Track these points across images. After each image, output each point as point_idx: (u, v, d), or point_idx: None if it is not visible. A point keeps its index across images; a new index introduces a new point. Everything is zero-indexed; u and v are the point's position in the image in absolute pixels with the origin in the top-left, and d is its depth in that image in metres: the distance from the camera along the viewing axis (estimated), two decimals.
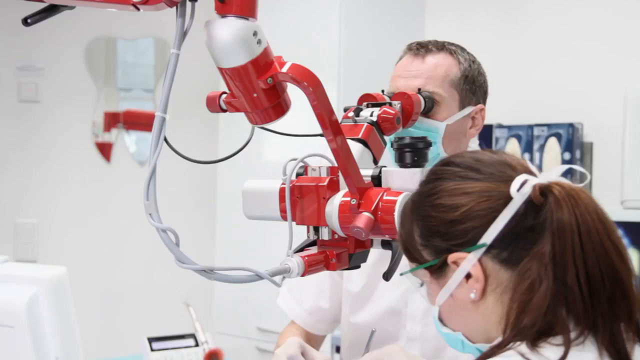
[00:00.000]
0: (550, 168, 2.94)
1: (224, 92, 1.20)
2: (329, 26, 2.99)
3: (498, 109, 3.07)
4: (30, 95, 3.72)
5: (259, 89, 1.14)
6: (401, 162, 1.31)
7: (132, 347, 2.76)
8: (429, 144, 1.31)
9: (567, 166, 1.08)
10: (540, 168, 2.79)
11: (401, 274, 1.16)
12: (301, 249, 1.33)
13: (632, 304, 0.97)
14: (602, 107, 2.83)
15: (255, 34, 1.12)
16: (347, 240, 1.32)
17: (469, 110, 1.64)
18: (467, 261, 1.00)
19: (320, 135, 1.47)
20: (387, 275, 1.34)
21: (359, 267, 1.39)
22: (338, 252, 1.32)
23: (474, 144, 1.78)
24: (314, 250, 1.33)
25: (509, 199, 0.99)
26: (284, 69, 1.14)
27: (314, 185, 1.29)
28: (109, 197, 3.75)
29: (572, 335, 0.95)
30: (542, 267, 0.95)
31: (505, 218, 0.98)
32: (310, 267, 1.27)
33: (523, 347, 0.95)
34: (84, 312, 3.70)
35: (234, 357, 2.87)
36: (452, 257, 1.02)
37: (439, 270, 1.04)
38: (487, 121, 2.97)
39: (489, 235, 0.99)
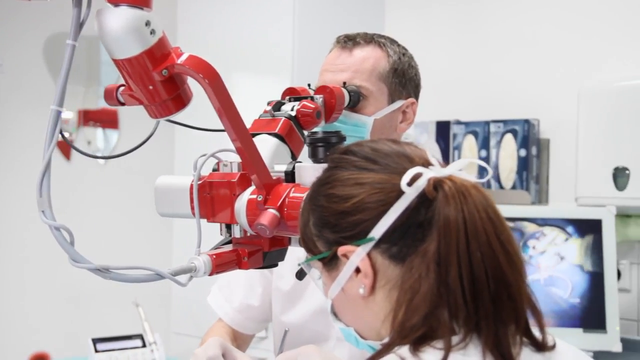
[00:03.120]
0: (507, 165, 2.91)
1: (122, 85, 1.16)
2: (282, 20, 2.94)
3: (456, 105, 3.05)
4: None
5: (154, 81, 1.10)
6: (314, 158, 1.27)
7: (81, 349, 2.71)
8: (342, 139, 1.27)
9: (468, 160, 1.04)
10: (496, 165, 2.79)
11: (299, 264, 1.12)
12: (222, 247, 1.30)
13: (519, 306, 0.93)
14: (559, 104, 2.80)
15: (147, 23, 1.07)
16: (262, 238, 1.28)
17: (399, 104, 1.60)
18: (356, 255, 0.96)
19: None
20: (300, 275, 1.30)
21: (276, 265, 1.35)
22: (251, 250, 1.28)
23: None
24: (228, 248, 1.29)
25: (402, 192, 0.95)
26: (180, 60, 1.10)
27: (225, 182, 1.25)
28: (68, 195, 3.70)
29: (456, 338, 0.90)
30: (424, 266, 0.91)
31: (396, 212, 0.94)
32: (219, 265, 1.23)
33: (404, 350, 0.91)
34: (41, 311, 3.65)
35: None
36: (341, 250, 0.98)
37: (330, 262, 1.00)
38: (444, 117, 3.00)
39: (379, 229, 0.95)
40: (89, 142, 3.88)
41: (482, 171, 1.14)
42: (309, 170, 1.27)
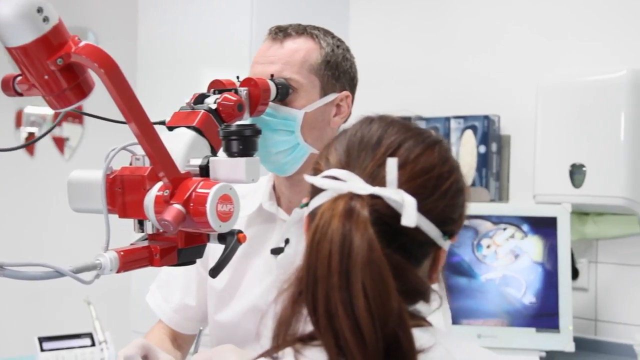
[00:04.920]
0: (466, 162, 2.87)
1: (20, 75, 1.12)
2: (240, 16, 2.91)
3: (418, 101, 3.01)
4: None
5: (50, 70, 1.06)
6: (228, 151, 1.23)
7: (28, 348, 2.66)
8: (257, 132, 1.23)
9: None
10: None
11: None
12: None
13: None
14: (520, 100, 2.77)
15: (40, 10, 1.03)
16: (177, 234, 1.24)
17: (332, 97, 1.55)
18: None
19: (161, 123, 1.41)
20: (213, 272, 1.26)
21: (193, 262, 1.31)
22: (164, 247, 1.23)
23: None
24: (143, 244, 1.25)
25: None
26: (76, 49, 1.05)
27: (135, 176, 1.21)
28: (30, 191, 3.65)
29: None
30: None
31: None
32: (127, 263, 1.18)
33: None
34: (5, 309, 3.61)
35: None
36: None
37: None
38: (406, 113, 2.95)
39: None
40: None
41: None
42: (223, 164, 1.23)
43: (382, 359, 0.83)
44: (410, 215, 0.86)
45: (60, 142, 3.80)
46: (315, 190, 0.92)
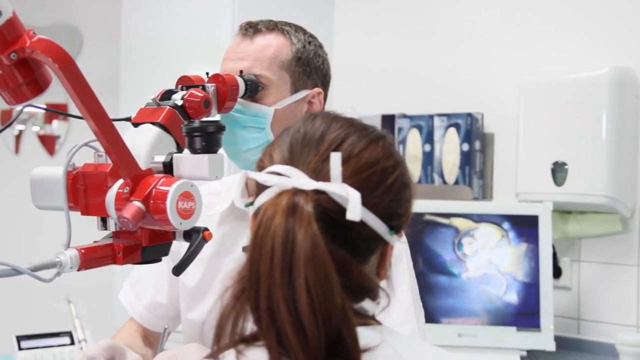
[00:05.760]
0: (450, 160, 2.85)
1: None
2: (223, 15, 2.90)
3: (402, 99, 3.00)
4: None
5: (3, 65, 1.04)
6: (191, 148, 1.22)
7: (6, 347, 2.65)
8: (221, 128, 1.22)
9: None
10: (440, 159, 2.74)
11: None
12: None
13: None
14: (503, 98, 2.75)
15: None
16: (141, 232, 1.23)
17: (303, 94, 1.53)
18: None
19: (127, 119, 1.39)
20: (177, 270, 1.25)
21: (159, 260, 1.29)
22: (128, 245, 1.22)
23: None
24: (106, 242, 1.23)
25: None
26: (30, 44, 1.04)
27: (97, 173, 1.19)
28: (15, 189, 3.63)
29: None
30: None
31: None
32: (88, 261, 1.17)
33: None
34: None
35: None
36: None
37: None
38: (390, 111, 2.94)
39: None
40: None
41: (425, 166, 1.10)
42: (187, 161, 1.22)
43: (325, 357, 0.81)
44: (354, 209, 0.85)
45: (46, 140, 3.77)
46: (260, 188, 0.91)
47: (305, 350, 0.80)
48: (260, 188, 0.91)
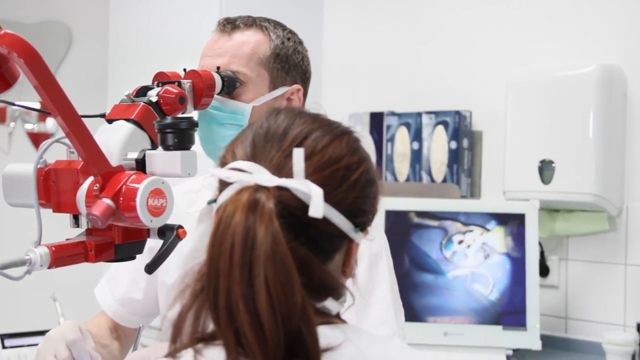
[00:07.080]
0: (438, 158, 2.84)
1: None
2: (211, 12, 2.88)
3: (390, 97, 2.98)
4: None
5: None
6: (164, 144, 1.20)
7: None
8: (193, 125, 1.20)
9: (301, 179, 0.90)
10: (428, 157, 2.73)
11: None
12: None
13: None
14: (492, 96, 2.74)
15: None
16: (115, 230, 1.21)
17: (281, 90, 1.52)
18: None
19: (101, 115, 1.38)
20: (149, 268, 1.23)
21: (133, 258, 1.28)
22: (100, 243, 1.21)
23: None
24: (79, 239, 1.22)
25: None
26: None
27: (68, 169, 1.18)
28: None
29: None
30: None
31: None
32: (58, 259, 1.15)
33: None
34: None
35: None
36: None
37: None
38: (378, 109, 2.93)
39: None
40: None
41: (414, 164, 1.09)
42: (159, 158, 1.20)
43: (284, 357, 0.80)
44: (317, 206, 0.83)
45: (36, 138, 3.75)
46: (223, 185, 0.90)
47: (264, 350, 0.79)
48: (223, 185, 0.90)
